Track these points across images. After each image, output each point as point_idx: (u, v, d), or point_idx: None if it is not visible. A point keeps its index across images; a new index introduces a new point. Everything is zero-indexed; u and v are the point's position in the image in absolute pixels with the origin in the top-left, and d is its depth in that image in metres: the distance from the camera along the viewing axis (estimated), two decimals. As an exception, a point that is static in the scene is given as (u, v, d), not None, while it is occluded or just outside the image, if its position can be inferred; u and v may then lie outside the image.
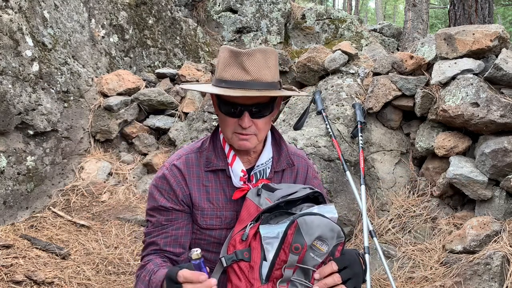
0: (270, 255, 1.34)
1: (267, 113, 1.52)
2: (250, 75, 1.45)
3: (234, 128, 1.50)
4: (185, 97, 5.02)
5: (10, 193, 3.59)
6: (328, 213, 1.37)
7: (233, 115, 1.49)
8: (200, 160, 1.59)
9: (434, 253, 3.27)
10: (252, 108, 1.47)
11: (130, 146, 4.75)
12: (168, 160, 1.63)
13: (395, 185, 3.89)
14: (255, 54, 1.46)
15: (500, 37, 3.52)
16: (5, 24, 3.69)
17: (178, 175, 1.56)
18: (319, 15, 7.32)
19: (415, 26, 9.03)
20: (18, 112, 3.69)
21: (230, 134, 1.52)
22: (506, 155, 3.18)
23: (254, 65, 1.45)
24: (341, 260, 1.34)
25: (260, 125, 1.51)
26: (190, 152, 1.62)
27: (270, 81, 1.48)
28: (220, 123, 1.56)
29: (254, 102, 1.47)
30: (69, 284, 2.97)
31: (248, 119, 1.47)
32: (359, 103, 4.05)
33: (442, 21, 24.97)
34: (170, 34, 6.01)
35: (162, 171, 1.60)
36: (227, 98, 1.48)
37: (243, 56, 1.45)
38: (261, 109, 1.49)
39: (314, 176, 1.73)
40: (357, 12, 23.02)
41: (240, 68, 1.45)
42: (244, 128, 1.48)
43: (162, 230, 1.56)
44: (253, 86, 1.44)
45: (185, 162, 1.58)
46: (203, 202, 1.55)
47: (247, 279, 1.36)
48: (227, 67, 1.47)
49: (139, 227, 3.78)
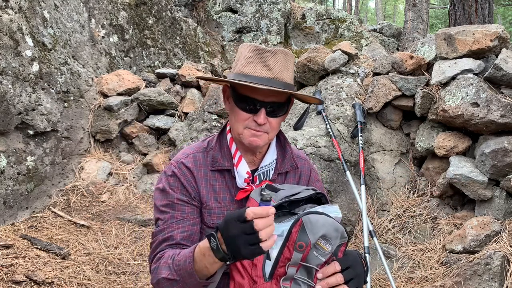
0: (274, 253, 1.35)
1: (281, 114, 1.54)
2: (272, 72, 1.47)
3: (247, 123, 1.51)
4: (185, 97, 5.02)
5: (10, 193, 3.59)
6: (332, 213, 1.37)
7: (249, 111, 1.50)
8: (206, 160, 1.59)
9: (434, 253, 3.27)
10: (268, 106, 1.49)
11: (130, 146, 4.75)
12: (175, 158, 1.62)
13: (395, 185, 3.89)
14: (279, 54, 1.49)
15: (500, 37, 3.52)
16: (5, 24, 3.69)
17: (187, 173, 1.56)
18: (319, 15, 7.33)
19: (415, 26, 9.03)
20: (18, 112, 3.69)
21: (242, 129, 1.53)
22: (506, 155, 3.18)
23: (277, 64, 1.48)
24: (344, 261, 1.35)
25: (273, 124, 1.52)
26: (197, 151, 1.62)
27: (288, 82, 1.51)
28: (232, 118, 1.56)
29: (271, 100, 1.49)
30: (69, 284, 2.97)
31: (264, 116, 1.49)
32: (359, 103, 4.05)
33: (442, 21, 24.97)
34: (170, 34, 6.02)
35: (170, 169, 1.58)
36: (246, 92, 1.48)
37: (267, 54, 1.48)
38: (276, 108, 1.51)
39: (317, 179, 1.74)
40: (357, 12, 23.02)
41: (264, 65, 1.48)
42: (259, 124, 1.49)
43: (178, 224, 1.50)
44: (275, 84, 1.47)
45: (193, 160, 1.58)
46: (210, 200, 1.55)
47: (250, 277, 1.36)
48: (249, 63, 1.49)
49: (139, 227, 3.78)
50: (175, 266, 1.37)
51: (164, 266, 1.41)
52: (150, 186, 4.32)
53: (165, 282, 1.40)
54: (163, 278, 1.40)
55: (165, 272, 1.40)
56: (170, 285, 1.39)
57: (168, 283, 1.39)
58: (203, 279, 1.34)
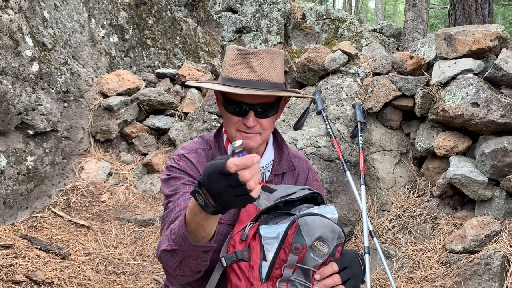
0: (270, 255, 1.34)
1: (271, 114, 1.53)
2: (257, 74, 1.47)
3: (238, 126, 1.51)
4: (185, 97, 5.01)
5: (10, 193, 3.59)
6: (328, 214, 1.37)
7: (238, 114, 1.50)
8: (208, 157, 1.60)
9: (434, 253, 3.27)
10: (257, 107, 1.48)
11: (130, 146, 4.75)
12: (177, 152, 1.60)
13: (395, 185, 3.89)
14: (262, 55, 1.48)
15: (500, 37, 3.52)
16: (5, 24, 3.69)
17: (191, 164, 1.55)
18: (319, 15, 7.32)
19: (415, 26, 9.03)
20: (18, 112, 3.69)
21: (234, 132, 1.53)
22: (506, 155, 3.18)
23: (261, 66, 1.47)
24: (341, 261, 1.35)
25: (264, 124, 1.52)
26: (198, 148, 1.62)
27: (276, 81, 1.49)
28: (224, 121, 1.57)
29: (259, 102, 1.48)
30: (69, 284, 2.97)
31: (253, 119, 1.48)
32: (359, 103, 4.05)
33: (442, 21, 24.97)
34: (170, 34, 6.01)
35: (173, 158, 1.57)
36: (233, 97, 1.48)
37: (251, 56, 1.47)
38: (266, 109, 1.50)
39: (315, 179, 1.74)
40: (357, 12, 23.02)
41: (248, 67, 1.47)
42: (248, 127, 1.49)
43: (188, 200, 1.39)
44: (260, 86, 1.46)
45: (195, 156, 1.59)
46: None
47: (246, 279, 1.36)
48: (234, 66, 1.49)
49: (139, 227, 3.78)
50: (172, 235, 1.33)
51: (164, 239, 1.37)
52: (150, 186, 4.32)
53: (166, 254, 1.34)
54: (163, 251, 1.35)
55: (164, 244, 1.35)
56: (171, 257, 1.33)
57: (169, 255, 1.33)
58: (201, 242, 1.28)
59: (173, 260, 1.34)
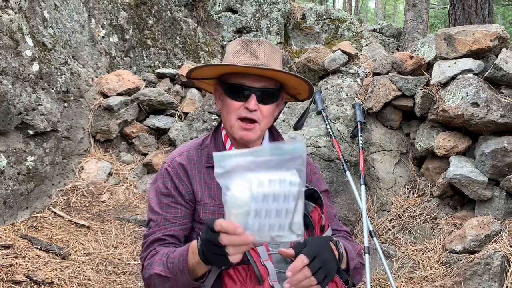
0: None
1: (272, 101, 1.56)
2: (259, 59, 1.51)
3: (238, 113, 1.52)
4: (185, 97, 5.02)
5: (10, 193, 3.59)
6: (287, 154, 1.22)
7: (240, 98, 1.52)
8: (201, 157, 1.60)
9: (434, 253, 3.28)
10: (259, 92, 1.51)
11: (130, 146, 4.76)
12: (169, 157, 1.63)
13: (395, 185, 3.89)
14: (265, 43, 1.54)
15: (500, 37, 3.52)
16: (5, 24, 3.69)
17: (181, 171, 1.57)
18: (319, 15, 7.33)
19: (415, 26, 9.04)
20: (18, 112, 3.69)
21: (234, 121, 1.54)
22: (506, 155, 3.18)
23: (263, 52, 1.52)
24: (309, 251, 1.30)
25: (264, 111, 1.53)
26: (191, 149, 1.63)
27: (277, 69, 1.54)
28: (224, 110, 1.58)
29: (261, 86, 1.51)
30: (69, 284, 2.98)
31: (254, 102, 1.50)
32: (359, 103, 4.05)
33: (442, 21, 24.97)
34: (170, 34, 6.02)
35: (164, 167, 1.59)
36: (236, 80, 1.51)
37: (253, 43, 1.52)
38: (267, 94, 1.53)
39: (313, 172, 1.75)
40: (357, 12, 23.02)
41: (250, 54, 1.51)
42: (250, 110, 1.50)
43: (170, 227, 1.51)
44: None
45: (187, 157, 1.60)
46: (205, 197, 1.56)
47: (243, 281, 1.37)
48: (236, 55, 1.53)
49: (139, 227, 3.78)
50: (169, 264, 1.37)
51: (158, 262, 1.41)
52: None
53: (157, 278, 1.40)
54: (155, 274, 1.40)
55: (158, 268, 1.40)
56: (162, 282, 1.39)
57: (160, 279, 1.39)
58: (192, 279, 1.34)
59: (162, 285, 1.40)
